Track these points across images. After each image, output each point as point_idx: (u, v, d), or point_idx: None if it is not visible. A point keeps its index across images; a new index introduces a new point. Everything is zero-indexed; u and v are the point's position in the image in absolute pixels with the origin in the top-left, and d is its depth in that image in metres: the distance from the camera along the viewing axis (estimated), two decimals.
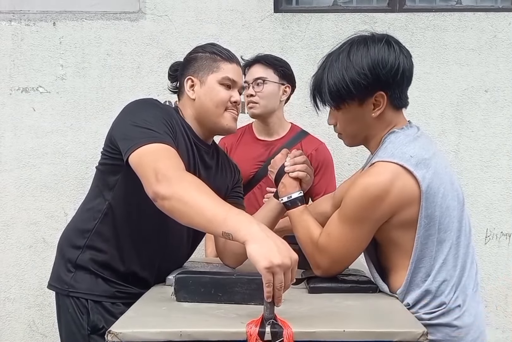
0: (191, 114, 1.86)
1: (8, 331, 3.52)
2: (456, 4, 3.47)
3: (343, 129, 1.73)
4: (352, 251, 1.65)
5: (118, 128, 1.74)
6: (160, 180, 1.46)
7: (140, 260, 1.81)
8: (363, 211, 1.59)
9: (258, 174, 2.67)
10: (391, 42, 1.64)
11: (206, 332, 1.28)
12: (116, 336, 1.26)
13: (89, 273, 1.80)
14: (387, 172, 1.57)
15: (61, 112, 3.44)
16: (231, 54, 1.87)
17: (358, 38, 1.68)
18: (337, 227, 1.64)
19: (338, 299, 1.60)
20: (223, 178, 1.98)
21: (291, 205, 1.78)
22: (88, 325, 1.77)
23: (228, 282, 1.50)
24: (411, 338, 1.30)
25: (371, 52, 1.60)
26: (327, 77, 1.65)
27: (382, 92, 1.62)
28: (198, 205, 1.39)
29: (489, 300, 3.42)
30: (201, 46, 1.90)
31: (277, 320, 1.28)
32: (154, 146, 1.58)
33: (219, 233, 1.35)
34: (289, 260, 1.26)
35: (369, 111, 1.64)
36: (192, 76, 1.84)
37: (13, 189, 3.46)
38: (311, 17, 3.38)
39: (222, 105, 1.83)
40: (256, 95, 2.64)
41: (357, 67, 1.60)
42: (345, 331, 1.29)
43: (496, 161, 3.39)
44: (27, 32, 3.42)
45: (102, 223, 1.80)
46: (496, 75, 3.37)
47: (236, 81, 1.85)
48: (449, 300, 1.61)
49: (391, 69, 1.60)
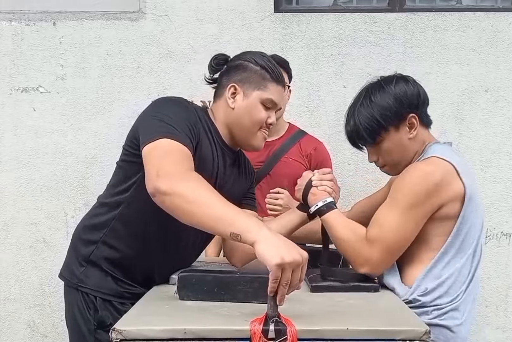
0: (223, 120, 1.84)
1: (8, 331, 3.50)
2: (456, 4, 3.47)
3: (386, 160, 1.87)
4: (403, 240, 1.72)
5: (141, 121, 1.73)
6: (161, 176, 1.45)
7: (151, 261, 1.80)
8: (420, 196, 1.68)
9: (258, 174, 2.66)
10: (400, 76, 1.87)
11: (210, 329, 1.29)
12: (121, 334, 1.26)
13: (100, 270, 1.80)
14: (444, 165, 1.72)
15: (61, 112, 3.44)
16: (280, 75, 1.85)
17: (370, 84, 1.88)
18: (388, 215, 1.72)
19: (340, 298, 1.61)
20: (242, 183, 1.98)
21: (326, 209, 1.81)
22: (95, 320, 1.77)
23: (231, 280, 1.50)
24: (414, 336, 1.30)
25: (388, 90, 1.81)
26: (359, 122, 1.82)
27: (413, 114, 1.81)
28: (205, 205, 1.38)
29: (489, 300, 3.43)
30: (252, 55, 1.85)
31: (281, 318, 1.28)
32: (168, 143, 1.57)
33: (227, 234, 1.34)
34: (299, 257, 1.27)
35: (406, 133, 1.82)
36: (237, 84, 1.80)
37: (13, 189, 3.46)
38: (311, 17, 3.38)
39: (258, 125, 1.82)
40: None
41: (381, 104, 1.80)
42: (349, 329, 1.30)
43: (497, 161, 3.39)
44: (27, 32, 3.41)
45: (118, 220, 1.79)
46: (496, 75, 3.37)
47: (277, 104, 1.84)
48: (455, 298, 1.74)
49: (412, 93, 1.81)
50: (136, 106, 3.39)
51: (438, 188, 1.68)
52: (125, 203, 1.78)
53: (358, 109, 1.83)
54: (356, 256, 1.73)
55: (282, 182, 2.56)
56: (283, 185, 2.53)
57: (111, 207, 1.80)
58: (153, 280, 1.80)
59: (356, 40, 3.39)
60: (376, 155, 1.88)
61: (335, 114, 3.40)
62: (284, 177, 2.52)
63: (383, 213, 1.74)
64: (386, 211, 1.74)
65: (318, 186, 1.85)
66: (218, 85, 1.88)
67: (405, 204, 1.69)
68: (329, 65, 3.40)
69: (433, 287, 1.71)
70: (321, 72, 3.40)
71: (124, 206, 1.78)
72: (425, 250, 1.75)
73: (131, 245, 1.78)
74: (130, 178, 1.76)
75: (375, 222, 1.74)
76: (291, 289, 1.29)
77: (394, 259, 1.75)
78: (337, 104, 3.40)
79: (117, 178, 1.84)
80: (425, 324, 1.36)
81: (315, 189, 1.85)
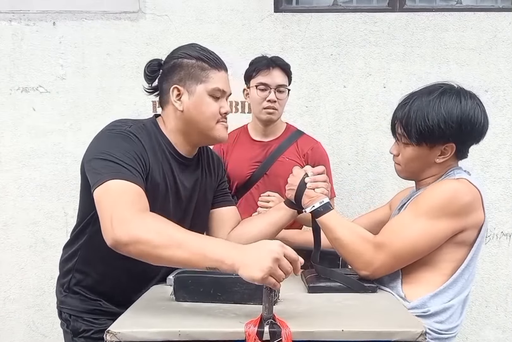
0: (175, 127, 1.78)
1: (8, 331, 3.52)
2: (456, 4, 3.47)
3: (404, 163, 1.82)
4: (412, 249, 1.67)
5: (87, 163, 1.65)
6: (116, 225, 1.42)
7: (122, 283, 1.79)
8: (447, 210, 1.64)
9: (255, 175, 2.67)
10: (481, 103, 1.75)
11: (204, 332, 1.29)
12: (115, 336, 1.26)
13: (76, 294, 1.85)
14: (474, 191, 1.68)
15: (61, 112, 3.44)
16: (219, 60, 1.78)
17: (449, 87, 1.76)
18: (405, 222, 1.68)
19: (337, 298, 1.61)
20: (208, 181, 1.94)
21: (323, 210, 1.78)
22: (70, 330, 1.84)
23: (227, 282, 1.50)
24: (410, 337, 1.30)
25: (463, 105, 1.70)
26: (415, 116, 1.72)
27: (453, 144, 1.73)
28: (171, 246, 1.37)
29: (489, 300, 3.43)
30: (184, 50, 1.78)
31: (276, 320, 1.28)
32: (117, 184, 1.52)
33: (203, 268, 1.35)
34: (272, 252, 1.28)
35: (435, 156, 1.76)
36: (178, 85, 1.74)
37: (13, 189, 3.47)
38: (311, 17, 3.38)
39: (214, 119, 1.76)
40: (277, 102, 2.62)
41: (447, 116, 1.68)
42: (344, 330, 1.29)
43: (497, 161, 3.39)
44: (27, 32, 3.42)
45: (83, 249, 1.81)
46: (496, 75, 3.36)
47: (225, 91, 1.78)
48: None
49: (477, 128, 1.71)
50: (136, 106, 3.41)
51: (466, 209, 1.65)
52: (87, 235, 1.78)
53: (422, 106, 1.72)
54: (357, 258, 1.70)
55: (278, 182, 2.56)
56: (279, 185, 2.52)
57: (78, 237, 1.82)
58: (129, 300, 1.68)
59: (356, 40, 3.39)
60: (398, 151, 1.83)
61: (335, 114, 3.40)
62: (281, 177, 2.50)
63: (399, 219, 1.71)
64: (404, 218, 1.69)
65: (314, 188, 1.82)
66: (160, 92, 1.82)
67: (428, 213, 1.64)
68: (329, 65, 3.40)
69: (436, 311, 1.67)
70: (321, 72, 3.40)
71: (87, 236, 1.79)
72: (434, 273, 1.70)
73: (98, 269, 1.80)
74: (87, 210, 1.75)
75: (388, 228, 1.71)
76: (289, 274, 1.31)
77: (397, 267, 1.71)
78: (337, 104, 3.40)
79: (80, 209, 1.83)
80: (421, 325, 1.36)
81: (310, 190, 1.82)
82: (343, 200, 3.40)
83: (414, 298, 1.68)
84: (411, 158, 1.78)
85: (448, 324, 1.69)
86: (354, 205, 3.42)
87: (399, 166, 1.86)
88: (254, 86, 2.62)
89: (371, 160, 3.41)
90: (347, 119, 3.41)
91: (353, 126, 3.41)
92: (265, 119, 2.65)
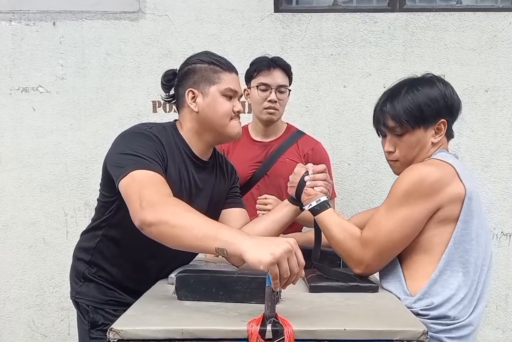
0: (191, 128, 1.87)
1: (8, 331, 3.51)
2: (456, 4, 3.47)
3: (403, 155, 1.83)
4: (392, 242, 1.68)
5: (109, 161, 1.77)
6: (144, 207, 1.49)
7: (139, 275, 1.88)
8: (411, 197, 1.65)
9: (256, 175, 2.67)
10: (448, 83, 1.86)
11: (207, 330, 1.29)
12: (118, 334, 1.26)
13: (95, 283, 1.93)
14: (444, 167, 1.69)
15: (61, 112, 3.44)
16: (230, 64, 1.90)
17: (416, 77, 1.87)
18: (381, 217, 1.70)
19: (338, 298, 1.61)
20: (222, 184, 2.02)
21: (320, 208, 1.81)
22: (88, 322, 1.90)
23: (229, 280, 1.50)
24: (412, 337, 1.30)
25: (438, 86, 1.80)
26: (401, 106, 1.78)
27: (445, 120, 1.79)
28: (187, 226, 1.41)
29: (489, 300, 3.42)
30: (197, 56, 1.90)
31: (278, 318, 1.28)
32: (141, 173, 1.61)
33: (212, 250, 1.37)
34: (287, 244, 1.29)
35: (431, 136, 1.79)
36: (192, 88, 1.84)
37: (13, 189, 3.46)
38: (311, 17, 3.38)
39: (227, 116, 1.85)
40: (278, 102, 2.63)
41: (428, 95, 1.77)
42: (346, 329, 1.29)
43: (496, 161, 3.39)
44: (27, 32, 3.42)
45: (102, 242, 1.91)
46: (496, 75, 3.37)
47: (237, 91, 1.89)
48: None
49: (455, 99, 1.81)
50: (136, 106, 3.41)
51: (435, 187, 1.64)
52: (106, 228, 1.89)
53: (402, 96, 1.79)
54: (349, 256, 1.73)
55: (279, 182, 2.56)
56: (280, 185, 2.53)
57: (96, 230, 1.93)
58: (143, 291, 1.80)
59: (356, 40, 3.39)
60: (394, 147, 1.84)
61: (335, 114, 3.40)
62: (281, 177, 2.51)
63: (377, 213, 1.73)
64: (380, 213, 1.71)
65: (313, 186, 1.85)
66: (176, 97, 1.93)
67: (396, 205, 1.67)
68: (329, 65, 3.40)
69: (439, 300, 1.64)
70: (321, 72, 3.40)
71: (106, 230, 1.90)
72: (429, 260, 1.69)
73: (117, 264, 1.91)
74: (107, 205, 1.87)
75: (369, 224, 1.73)
76: (293, 277, 1.30)
77: (386, 261, 1.73)
78: (337, 104, 3.40)
79: (99, 204, 1.94)
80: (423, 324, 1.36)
81: (309, 188, 1.85)
82: (343, 200, 3.40)
83: (417, 291, 1.67)
84: (411, 145, 1.80)
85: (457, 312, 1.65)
86: (354, 205, 3.42)
87: (396, 163, 1.86)
88: (255, 86, 2.63)
89: (371, 160, 3.41)
90: (347, 119, 3.41)
91: (353, 126, 3.41)
92: (265, 119, 2.65)
